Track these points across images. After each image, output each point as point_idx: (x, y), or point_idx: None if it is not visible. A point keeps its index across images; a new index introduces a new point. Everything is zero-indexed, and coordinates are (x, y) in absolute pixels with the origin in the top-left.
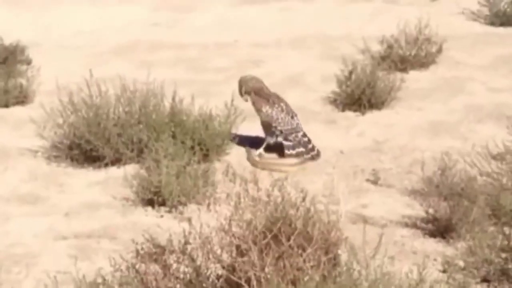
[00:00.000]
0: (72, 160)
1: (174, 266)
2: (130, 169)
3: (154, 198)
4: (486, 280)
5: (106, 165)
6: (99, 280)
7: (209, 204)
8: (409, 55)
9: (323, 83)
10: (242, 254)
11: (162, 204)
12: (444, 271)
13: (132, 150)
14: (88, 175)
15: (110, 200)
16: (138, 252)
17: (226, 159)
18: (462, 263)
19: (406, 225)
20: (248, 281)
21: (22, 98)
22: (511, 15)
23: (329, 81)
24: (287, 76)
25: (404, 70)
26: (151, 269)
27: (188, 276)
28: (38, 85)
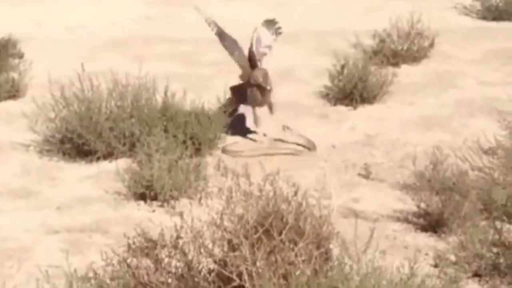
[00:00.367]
0: (64, 154)
1: (166, 260)
2: (122, 163)
3: (146, 192)
4: (477, 274)
5: (98, 159)
6: (91, 274)
7: (200, 198)
8: (401, 50)
9: (316, 78)
10: (233, 248)
11: (154, 198)
12: (435, 266)
13: (124, 144)
14: (80, 169)
15: (102, 194)
16: (130, 246)
17: (218, 153)
18: (453, 258)
19: (398, 219)
20: (239, 275)
21: (14, 92)
22: (503, 10)
23: (321, 75)
24: (280, 70)
25: (396, 64)
26: (143, 263)
27: (179, 270)
28: (30, 79)
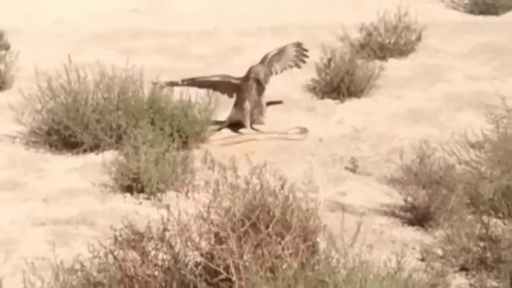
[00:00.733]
0: (50, 146)
1: (153, 253)
2: (109, 155)
3: (132, 185)
4: (464, 268)
5: (85, 151)
6: (77, 266)
7: (187, 191)
8: (388, 43)
9: (303, 71)
10: (220, 241)
11: (141, 190)
12: (422, 260)
13: (110, 137)
14: (66, 161)
15: (88, 186)
16: (116, 238)
17: (205, 146)
18: (440, 252)
19: (385, 213)
20: (226, 268)
21: (0, 84)
22: (490, 4)
23: (309, 68)
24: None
25: (383, 58)
26: (130, 255)
27: (166, 263)
28: (16, 70)
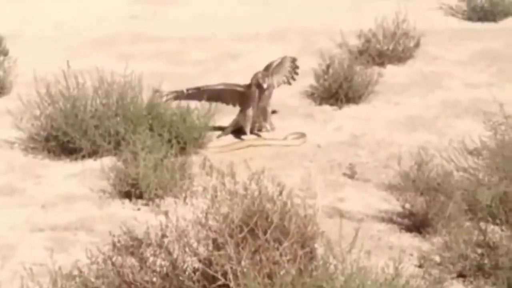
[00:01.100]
0: (49, 152)
1: (151, 259)
2: (107, 161)
3: (131, 191)
4: (462, 275)
5: (83, 157)
6: (76, 272)
7: (185, 197)
8: (386, 50)
9: (301, 77)
10: (218, 247)
11: (139, 196)
12: (420, 266)
13: (109, 142)
14: (65, 167)
15: (87, 192)
16: (114, 244)
17: (203, 152)
18: (438, 258)
19: (383, 219)
20: (224, 274)
21: None
22: (489, 10)
23: (307, 75)
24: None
25: (381, 64)
26: (128, 261)
27: (164, 269)
28: (15, 76)
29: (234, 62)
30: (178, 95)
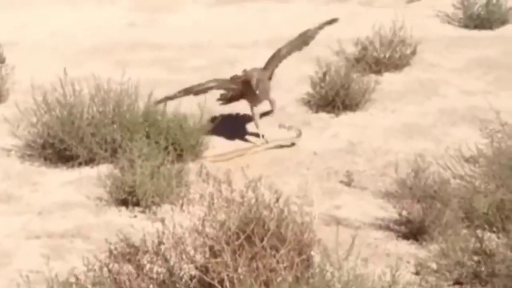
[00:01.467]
0: (45, 159)
1: (148, 266)
2: (104, 169)
3: (128, 198)
4: (458, 282)
5: (80, 164)
6: (72, 279)
7: (182, 204)
8: (383, 57)
9: (298, 85)
10: (215, 255)
11: (136, 204)
12: (417, 274)
13: (106, 150)
14: (61, 175)
15: (83, 199)
16: (111, 252)
17: (200, 159)
18: (434, 266)
19: (380, 227)
20: (221, 282)
21: None
22: (485, 18)
23: (303, 82)
24: None
25: (378, 72)
26: (125, 269)
27: (161, 276)
28: (12, 84)
29: (232, 69)
30: (171, 98)
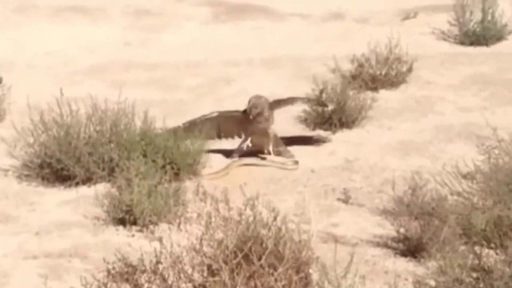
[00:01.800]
0: (43, 179)
1: (146, 285)
2: (101, 188)
3: (125, 217)
4: None
5: (77, 184)
6: None
7: (180, 223)
8: (379, 75)
9: None
10: (213, 273)
11: (134, 223)
12: None
13: (103, 169)
14: (59, 194)
15: (81, 219)
16: (109, 271)
17: (197, 178)
18: (433, 283)
19: (377, 244)
20: None
21: None
22: (481, 35)
23: None
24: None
25: (374, 89)
26: None
27: None
28: (9, 104)
29: (228, 87)
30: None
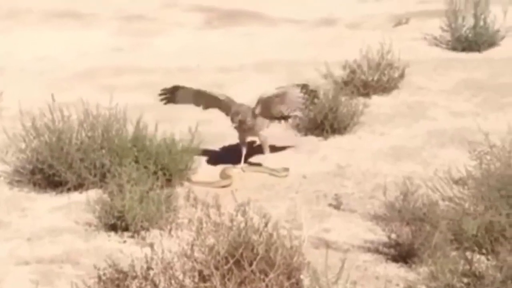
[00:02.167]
0: (34, 185)
1: None
2: (93, 194)
3: (117, 223)
4: None
5: (69, 190)
6: None
7: (171, 229)
8: (371, 80)
9: None
10: (204, 279)
11: (125, 229)
12: None
13: (94, 175)
14: (50, 200)
15: (72, 225)
16: (100, 277)
17: (188, 184)
18: None
19: (369, 250)
20: None
21: None
22: (473, 41)
23: None
24: (250, 100)
25: (366, 95)
26: None
27: None
28: (0, 110)
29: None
30: (173, 91)
